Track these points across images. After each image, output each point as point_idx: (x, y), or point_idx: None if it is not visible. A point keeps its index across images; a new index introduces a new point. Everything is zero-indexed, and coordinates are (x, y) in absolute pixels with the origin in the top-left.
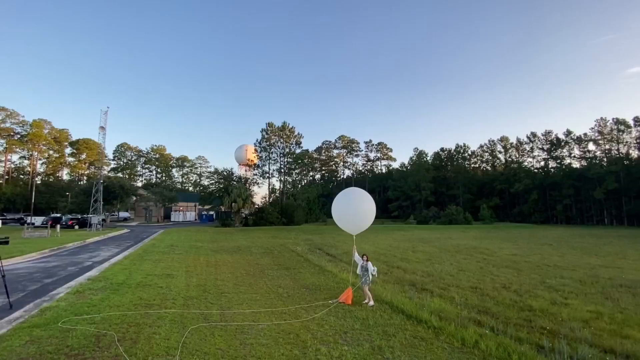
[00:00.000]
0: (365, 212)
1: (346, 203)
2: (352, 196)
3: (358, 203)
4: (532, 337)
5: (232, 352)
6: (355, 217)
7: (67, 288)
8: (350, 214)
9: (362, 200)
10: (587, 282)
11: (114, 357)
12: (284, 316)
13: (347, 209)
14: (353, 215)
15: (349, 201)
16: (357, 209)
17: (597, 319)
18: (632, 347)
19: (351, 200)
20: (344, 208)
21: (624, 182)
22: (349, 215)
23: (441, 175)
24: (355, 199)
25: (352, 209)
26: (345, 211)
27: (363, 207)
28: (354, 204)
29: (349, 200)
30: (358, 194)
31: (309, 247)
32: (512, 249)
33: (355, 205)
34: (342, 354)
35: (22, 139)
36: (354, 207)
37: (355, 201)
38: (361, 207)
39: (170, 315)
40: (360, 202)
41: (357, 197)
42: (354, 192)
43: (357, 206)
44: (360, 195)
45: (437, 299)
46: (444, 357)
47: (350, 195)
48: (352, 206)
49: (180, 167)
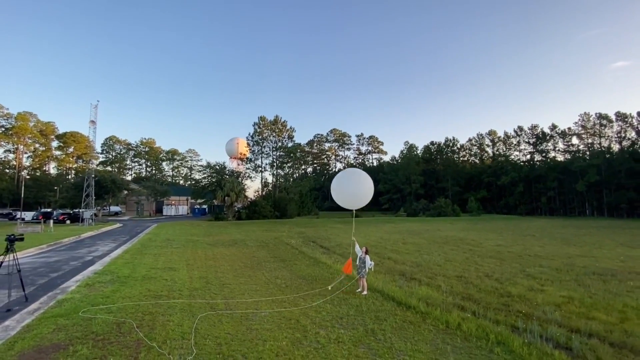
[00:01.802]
0: (365, 189)
1: (348, 179)
2: (352, 174)
3: (358, 180)
4: (509, 320)
5: (240, 336)
6: (355, 194)
7: (75, 281)
8: (351, 190)
9: (362, 178)
10: (563, 270)
11: (136, 341)
12: (284, 304)
13: (348, 185)
14: (353, 191)
15: (350, 177)
16: (357, 185)
17: (568, 303)
18: (596, 327)
19: (352, 177)
20: (345, 184)
21: (605, 175)
22: (350, 191)
23: (431, 168)
24: (356, 176)
25: (353, 185)
26: (347, 187)
27: (363, 183)
28: (354, 181)
29: (350, 177)
30: (358, 172)
31: (302, 240)
32: (497, 240)
33: (355, 182)
34: (339, 336)
35: (6, 132)
36: (354, 183)
37: (356, 178)
38: (361, 181)
39: (179, 305)
40: (360, 179)
41: (357, 175)
42: (354, 170)
43: (357, 182)
44: (359, 174)
45: (424, 287)
46: (429, 337)
47: (351, 173)
48: (353, 182)
49: (170, 160)
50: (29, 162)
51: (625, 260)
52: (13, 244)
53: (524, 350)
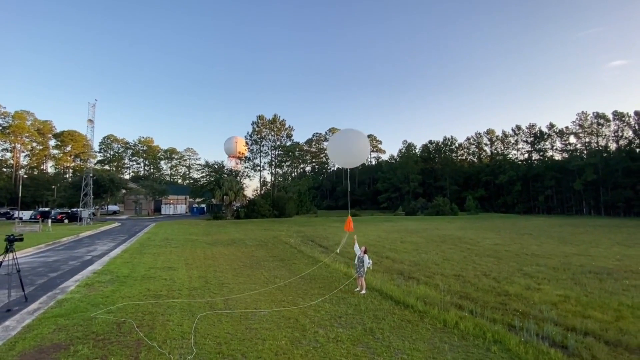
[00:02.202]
0: (360, 147)
1: (345, 137)
2: (348, 132)
3: (356, 138)
4: (506, 318)
5: (239, 335)
6: (351, 151)
7: (75, 281)
8: (347, 148)
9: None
10: (560, 269)
11: (137, 341)
12: (283, 303)
13: (347, 142)
14: (349, 149)
15: (347, 135)
16: (353, 143)
17: (564, 302)
18: (592, 326)
19: (348, 135)
20: (342, 142)
21: (602, 174)
22: (346, 148)
23: (429, 167)
24: (352, 135)
25: (350, 142)
26: (344, 144)
27: (359, 141)
28: (350, 139)
29: (347, 135)
30: (354, 131)
31: (301, 239)
32: (495, 239)
33: (351, 139)
34: (337, 335)
35: (3, 131)
36: (351, 141)
37: (352, 136)
38: (357, 140)
39: (178, 305)
40: (356, 138)
41: (353, 134)
42: (350, 130)
43: (354, 140)
44: (356, 133)
45: (422, 286)
46: (427, 336)
47: (347, 132)
48: (350, 139)
49: (168, 159)
50: (27, 161)
51: (621, 259)
52: (12, 244)
53: (521, 349)
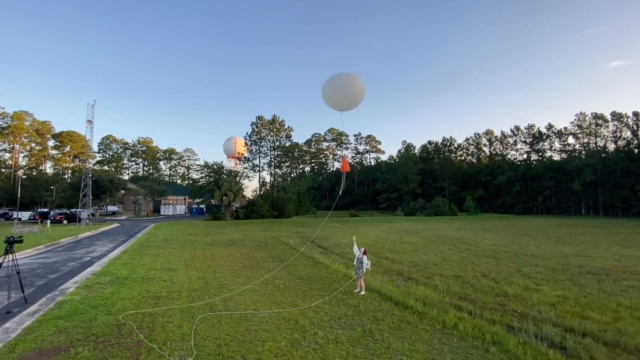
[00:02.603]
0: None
1: (341, 80)
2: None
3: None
4: (505, 319)
5: (239, 337)
6: (347, 94)
7: (74, 283)
8: (342, 91)
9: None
10: (558, 269)
11: (137, 342)
12: (283, 305)
13: (343, 85)
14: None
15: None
16: (348, 85)
17: (563, 303)
18: (590, 327)
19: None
20: (337, 84)
21: (600, 174)
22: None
23: (428, 167)
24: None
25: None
26: (339, 87)
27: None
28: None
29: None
30: (349, 74)
31: (300, 240)
32: (494, 240)
33: (346, 82)
34: (337, 337)
35: (2, 132)
36: (346, 83)
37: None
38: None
39: (178, 306)
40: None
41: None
42: (345, 73)
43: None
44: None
45: (422, 287)
46: (426, 337)
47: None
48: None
49: (167, 159)
50: (25, 161)
51: (619, 259)
52: (12, 245)
53: (519, 350)
